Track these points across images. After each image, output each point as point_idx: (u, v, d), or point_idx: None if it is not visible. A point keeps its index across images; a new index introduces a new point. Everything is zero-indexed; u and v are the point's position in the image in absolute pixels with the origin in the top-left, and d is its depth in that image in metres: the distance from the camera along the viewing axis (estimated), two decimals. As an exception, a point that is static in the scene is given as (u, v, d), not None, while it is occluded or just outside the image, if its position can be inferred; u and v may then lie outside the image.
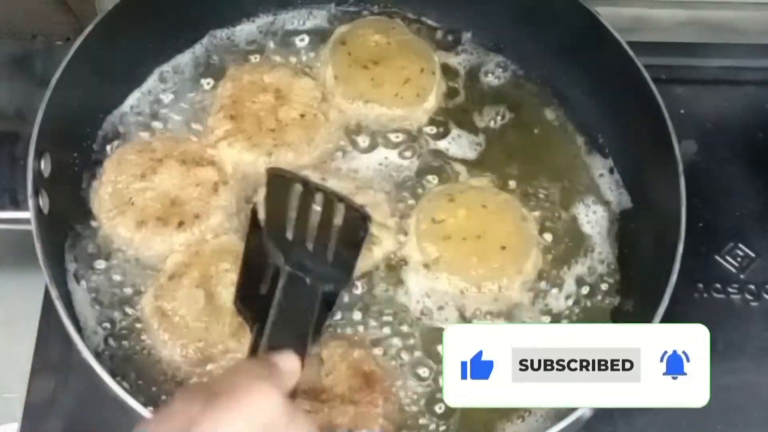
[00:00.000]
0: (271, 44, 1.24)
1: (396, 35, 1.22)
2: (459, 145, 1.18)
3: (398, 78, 1.18)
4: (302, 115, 1.15)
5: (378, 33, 1.22)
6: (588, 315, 1.08)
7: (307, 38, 1.24)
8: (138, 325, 1.03)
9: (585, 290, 1.10)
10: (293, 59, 1.22)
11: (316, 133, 1.14)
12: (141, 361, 1.02)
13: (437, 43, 1.25)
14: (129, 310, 1.04)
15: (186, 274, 1.03)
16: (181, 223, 1.06)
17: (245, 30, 1.24)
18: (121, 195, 1.08)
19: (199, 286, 1.02)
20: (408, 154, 1.16)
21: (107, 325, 1.03)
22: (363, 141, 1.16)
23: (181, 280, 1.02)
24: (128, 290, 1.05)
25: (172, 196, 1.08)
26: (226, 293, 1.01)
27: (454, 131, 1.19)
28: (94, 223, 1.08)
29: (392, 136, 1.17)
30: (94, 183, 1.10)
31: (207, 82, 1.20)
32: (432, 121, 1.19)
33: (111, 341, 1.03)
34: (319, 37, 1.24)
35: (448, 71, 1.23)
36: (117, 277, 1.06)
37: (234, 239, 1.06)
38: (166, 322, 1.00)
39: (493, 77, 1.24)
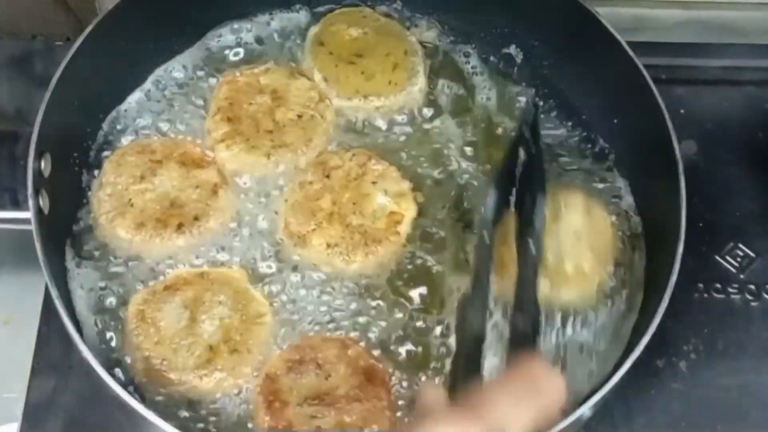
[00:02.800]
0: (271, 44, 1.24)
1: (369, 23, 1.23)
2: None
3: (387, 66, 1.18)
4: (300, 116, 1.15)
5: (351, 26, 1.22)
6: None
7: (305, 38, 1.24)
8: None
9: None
10: (292, 60, 1.22)
11: (314, 133, 1.14)
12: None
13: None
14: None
15: (181, 291, 1.02)
16: (180, 225, 1.06)
17: (245, 30, 1.24)
18: (121, 196, 1.07)
19: (187, 307, 1.01)
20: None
21: (107, 324, 1.03)
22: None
23: (174, 294, 1.02)
24: (128, 291, 1.05)
25: (172, 198, 1.08)
26: (209, 325, 1.00)
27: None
28: (94, 224, 1.08)
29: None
30: (93, 184, 1.10)
31: (207, 83, 1.19)
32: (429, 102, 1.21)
33: (111, 341, 1.03)
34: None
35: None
36: (117, 278, 1.06)
37: (242, 275, 1.05)
38: (142, 328, 1.00)
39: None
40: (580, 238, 1.05)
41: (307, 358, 0.99)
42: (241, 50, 1.23)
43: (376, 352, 1.03)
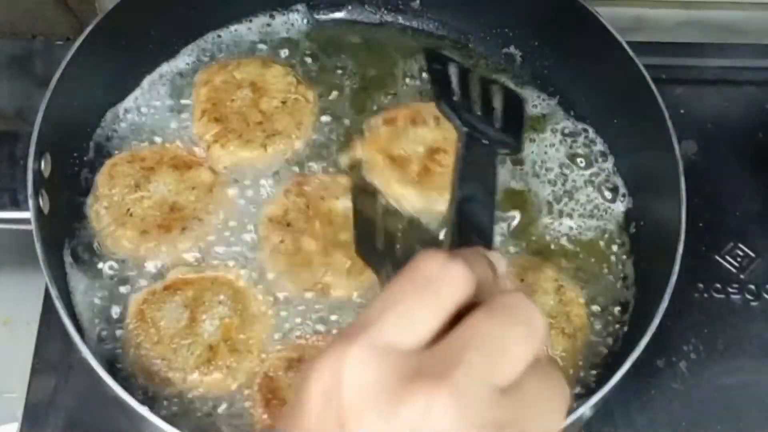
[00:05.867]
0: (272, 45, 1.24)
1: None
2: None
3: None
4: (284, 102, 1.15)
5: None
6: (588, 315, 1.08)
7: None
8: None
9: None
10: (289, 59, 1.22)
11: (303, 115, 1.14)
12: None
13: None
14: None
15: (181, 291, 1.02)
16: (183, 228, 1.06)
17: (245, 31, 1.24)
18: (118, 207, 1.07)
19: (187, 307, 1.01)
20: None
21: (107, 324, 1.03)
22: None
23: (174, 294, 1.02)
24: (128, 290, 1.05)
25: (171, 202, 1.08)
26: (209, 324, 1.00)
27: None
28: (96, 238, 1.07)
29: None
30: (88, 198, 1.09)
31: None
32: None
33: (111, 341, 1.03)
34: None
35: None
36: (117, 277, 1.06)
37: (241, 274, 1.05)
38: (141, 328, 1.00)
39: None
40: (551, 324, 1.03)
41: (307, 356, 0.99)
42: (240, 51, 1.23)
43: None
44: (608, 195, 1.16)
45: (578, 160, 1.18)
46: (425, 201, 1.10)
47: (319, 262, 1.04)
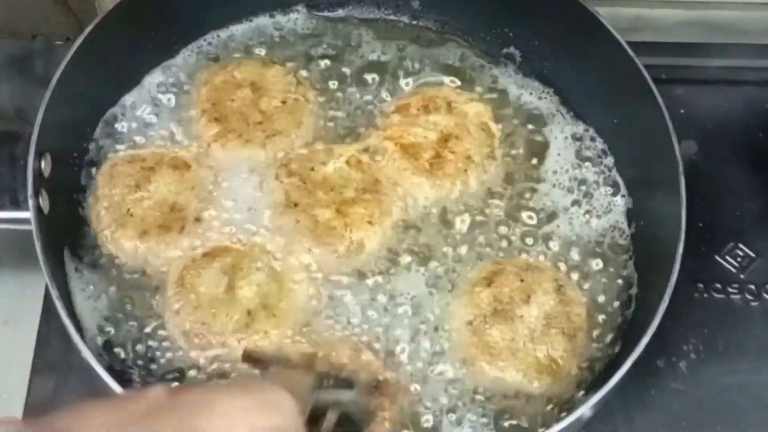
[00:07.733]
0: (272, 45, 1.24)
1: None
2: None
3: None
4: (284, 102, 1.15)
5: None
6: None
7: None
8: (137, 324, 1.03)
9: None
10: (289, 59, 1.22)
11: (303, 115, 1.15)
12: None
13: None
14: (129, 309, 1.04)
15: (220, 257, 1.04)
16: (183, 228, 1.06)
17: (244, 30, 1.25)
18: (119, 207, 1.07)
19: (226, 273, 1.03)
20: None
21: (107, 324, 1.03)
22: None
23: (213, 261, 1.04)
24: (128, 289, 1.05)
25: (171, 202, 1.08)
26: (247, 290, 1.02)
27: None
28: (96, 238, 1.07)
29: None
30: (89, 198, 1.10)
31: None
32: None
33: (111, 341, 1.03)
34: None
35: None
36: (117, 277, 1.06)
37: (275, 241, 1.07)
38: (182, 293, 1.02)
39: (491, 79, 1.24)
40: (551, 324, 1.03)
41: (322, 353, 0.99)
42: (240, 51, 1.23)
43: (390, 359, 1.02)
44: (608, 194, 1.16)
45: (584, 162, 1.18)
46: (438, 190, 1.11)
47: (340, 224, 1.06)
